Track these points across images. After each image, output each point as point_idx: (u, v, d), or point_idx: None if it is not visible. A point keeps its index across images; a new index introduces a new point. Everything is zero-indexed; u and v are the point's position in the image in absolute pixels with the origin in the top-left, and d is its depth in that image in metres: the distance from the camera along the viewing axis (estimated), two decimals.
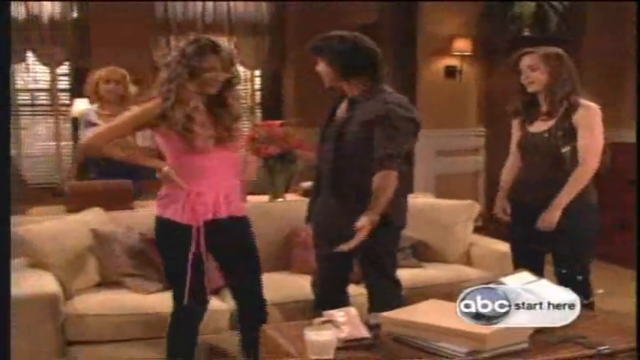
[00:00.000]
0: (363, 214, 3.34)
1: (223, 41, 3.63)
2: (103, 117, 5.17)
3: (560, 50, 3.90)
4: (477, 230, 5.14)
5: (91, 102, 5.52)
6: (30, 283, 3.76)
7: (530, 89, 3.89)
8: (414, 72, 7.61)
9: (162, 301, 3.96)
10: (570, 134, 3.80)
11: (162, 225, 3.56)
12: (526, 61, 3.87)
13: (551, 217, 3.77)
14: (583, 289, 3.82)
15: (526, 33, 7.32)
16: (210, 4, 9.16)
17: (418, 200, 4.67)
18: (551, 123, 3.85)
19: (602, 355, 2.71)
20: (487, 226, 6.53)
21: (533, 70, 3.84)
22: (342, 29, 3.66)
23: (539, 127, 3.89)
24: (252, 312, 3.70)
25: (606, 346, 2.74)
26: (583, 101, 3.82)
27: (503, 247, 4.68)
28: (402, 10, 7.60)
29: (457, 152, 7.23)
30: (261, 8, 9.43)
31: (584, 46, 7.51)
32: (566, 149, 3.80)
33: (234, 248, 3.64)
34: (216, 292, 4.08)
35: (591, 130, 3.79)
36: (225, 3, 9.23)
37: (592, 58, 7.34)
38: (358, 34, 3.62)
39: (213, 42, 3.54)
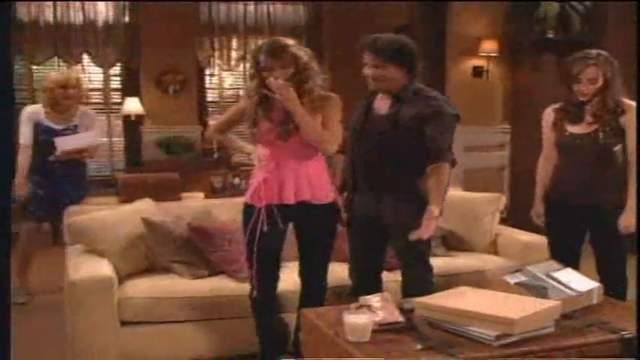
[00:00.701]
0: (430, 206, 3.43)
1: (289, 41, 3.58)
2: (54, 119, 5.26)
3: (612, 58, 3.78)
4: (503, 221, 5.12)
5: (44, 105, 5.31)
6: (87, 267, 3.80)
7: (582, 98, 3.76)
8: (443, 71, 7.58)
9: (207, 286, 4.02)
10: (618, 134, 3.72)
11: (244, 207, 3.68)
12: (587, 74, 3.71)
13: (630, 219, 3.70)
14: (622, 282, 3.79)
15: (550, 35, 7.25)
16: (251, 6, 9.20)
17: (448, 193, 4.64)
18: (593, 126, 3.76)
19: (624, 340, 2.69)
20: (512, 217, 6.51)
21: (592, 84, 3.71)
22: (376, 31, 3.67)
23: (584, 128, 3.79)
24: (311, 294, 3.74)
25: (628, 332, 2.72)
26: (628, 102, 3.75)
27: (527, 237, 4.67)
28: (433, 13, 7.58)
29: (484, 148, 7.20)
30: (298, 11, 9.46)
31: (605, 47, 7.42)
32: (617, 147, 3.72)
33: (304, 232, 3.69)
34: None
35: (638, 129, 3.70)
36: (265, 6, 9.26)
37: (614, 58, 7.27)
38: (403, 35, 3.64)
39: (270, 42, 3.58)
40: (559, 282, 3.04)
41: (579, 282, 3.07)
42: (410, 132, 3.50)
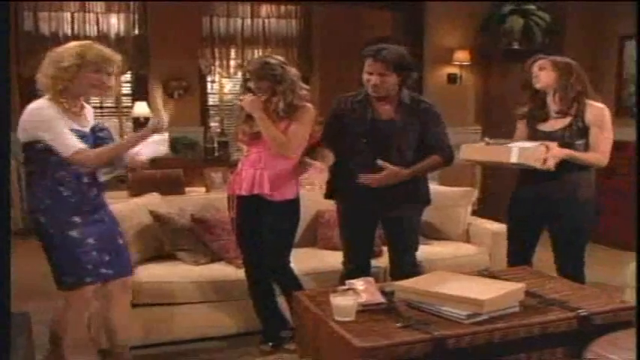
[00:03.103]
0: (397, 170, 3.51)
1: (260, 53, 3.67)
2: (76, 119, 3.13)
3: (570, 60, 3.72)
4: (474, 212, 5.14)
5: (60, 99, 3.04)
6: None
7: (538, 86, 3.69)
8: (421, 78, 7.59)
9: (209, 271, 4.02)
10: (583, 132, 3.62)
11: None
12: (537, 64, 3.71)
13: (558, 154, 3.52)
14: (579, 268, 3.79)
15: (515, 46, 7.28)
16: (248, 20, 9.20)
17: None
18: (566, 121, 3.65)
19: (580, 317, 2.72)
20: (482, 209, 6.52)
21: (541, 69, 3.66)
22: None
23: (551, 126, 3.69)
24: (278, 279, 3.75)
25: (584, 310, 2.75)
26: (593, 102, 3.65)
27: (496, 226, 4.70)
28: (412, 26, 7.58)
29: (458, 147, 7.17)
30: (290, 24, 9.45)
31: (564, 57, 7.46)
32: (580, 142, 3.61)
33: (263, 223, 3.67)
34: None
35: (602, 128, 3.60)
36: (260, 20, 9.26)
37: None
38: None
39: (255, 62, 3.70)
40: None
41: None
42: (415, 134, 3.57)
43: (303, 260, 3.98)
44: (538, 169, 3.52)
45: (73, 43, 3.16)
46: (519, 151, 3.46)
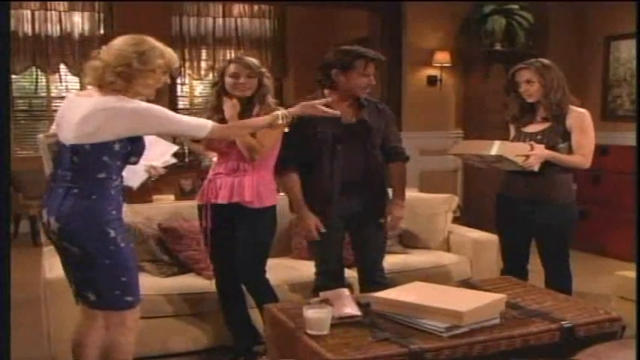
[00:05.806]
0: (397, 204, 3.65)
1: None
2: None
3: (548, 61, 3.86)
4: (455, 220, 5.15)
5: None
6: (61, 267, 3.73)
7: (529, 100, 3.82)
8: (400, 80, 7.62)
9: (177, 283, 3.99)
10: (564, 135, 3.76)
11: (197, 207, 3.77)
12: (523, 76, 3.81)
13: (542, 154, 3.68)
14: (566, 276, 3.84)
15: (497, 47, 7.34)
16: (219, 20, 9.19)
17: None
18: (545, 125, 3.80)
19: (563, 329, 2.73)
20: (464, 216, 6.55)
21: (530, 84, 3.78)
22: (337, 44, 3.69)
23: (534, 128, 3.84)
24: (251, 291, 3.71)
25: (567, 321, 2.77)
26: (574, 107, 3.79)
27: (477, 234, 4.71)
28: (390, 26, 7.60)
29: (438, 152, 7.20)
30: (264, 24, 9.45)
31: (547, 57, 7.51)
32: (563, 145, 3.74)
33: (236, 233, 3.63)
34: None
35: (583, 131, 3.75)
36: (233, 20, 9.25)
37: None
38: None
39: (242, 56, 3.74)
40: None
41: None
42: (379, 135, 3.63)
43: (276, 271, 3.95)
44: (520, 171, 3.68)
45: None
46: (500, 143, 3.60)
